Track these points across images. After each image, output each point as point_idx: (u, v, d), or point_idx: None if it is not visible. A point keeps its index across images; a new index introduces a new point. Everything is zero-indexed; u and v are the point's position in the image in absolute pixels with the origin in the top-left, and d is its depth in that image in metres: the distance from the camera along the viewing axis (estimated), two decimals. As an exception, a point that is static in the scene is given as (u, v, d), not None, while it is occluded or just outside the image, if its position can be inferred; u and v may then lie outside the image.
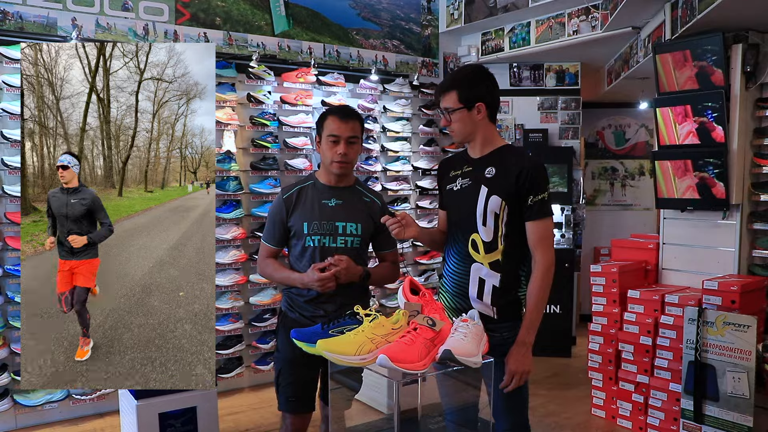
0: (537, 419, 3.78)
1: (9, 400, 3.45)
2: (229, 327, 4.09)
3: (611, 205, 6.57)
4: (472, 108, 2.08)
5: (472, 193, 2.10)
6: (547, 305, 2.15)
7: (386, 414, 2.32)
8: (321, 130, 2.34)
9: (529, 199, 2.03)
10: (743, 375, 3.02)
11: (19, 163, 3.47)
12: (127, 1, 3.86)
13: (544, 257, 2.05)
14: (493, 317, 2.08)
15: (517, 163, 2.05)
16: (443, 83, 2.15)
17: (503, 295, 2.08)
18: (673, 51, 3.51)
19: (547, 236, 2.07)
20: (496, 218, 2.06)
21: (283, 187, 2.46)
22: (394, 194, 4.91)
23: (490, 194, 2.05)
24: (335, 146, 2.29)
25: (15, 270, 3.46)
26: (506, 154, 2.12)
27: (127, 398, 2.99)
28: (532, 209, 2.03)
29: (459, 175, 2.18)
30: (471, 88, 2.08)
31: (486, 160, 2.12)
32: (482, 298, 2.07)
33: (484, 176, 2.09)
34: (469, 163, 2.17)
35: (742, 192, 3.50)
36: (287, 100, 4.40)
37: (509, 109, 5.45)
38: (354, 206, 2.37)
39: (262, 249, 2.46)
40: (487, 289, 2.07)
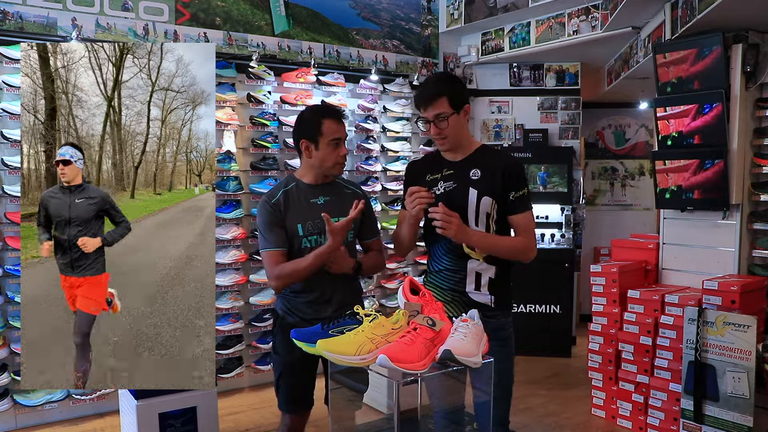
0: (537, 419, 3.79)
1: (9, 400, 3.45)
2: (229, 327, 4.10)
3: (611, 205, 6.57)
4: (461, 111, 2.15)
5: (460, 196, 2.15)
6: (546, 305, 2.21)
7: (386, 414, 2.32)
8: (317, 134, 2.25)
9: (511, 194, 2.14)
10: (743, 375, 3.01)
11: (19, 163, 3.47)
12: (127, 1, 3.86)
13: (527, 239, 2.18)
14: (491, 305, 2.18)
15: (498, 162, 2.15)
16: (427, 93, 2.13)
17: (500, 284, 2.19)
18: (673, 51, 3.51)
19: (530, 227, 2.19)
20: (488, 217, 2.15)
21: (265, 195, 2.34)
22: (394, 194, 4.91)
23: (481, 195, 2.13)
24: (337, 149, 2.29)
25: (15, 270, 3.46)
26: (485, 154, 2.21)
27: (127, 398, 2.99)
28: (514, 204, 2.15)
29: (439, 178, 2.20)
30: (457, 92, 2.14)
31: (468, 162, 2.18)
32: (480, 289, 2.17)
33: (470, 178, 2.15)
34: (447, 165, 2.21)
35: (742, 192, 3.50)
36: (287, 100, 4.40)
37: (509, 109, 5.45)
38: (341, 200, 2.36)
39: (268, 259, 2.28)
40: (484, 281, 2.17)
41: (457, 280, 2.18)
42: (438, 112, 2.11)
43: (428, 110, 2.12)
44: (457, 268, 2.18)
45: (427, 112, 2.13)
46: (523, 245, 2.17)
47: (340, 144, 2.29)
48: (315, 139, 2.27)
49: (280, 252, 2.29)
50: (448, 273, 2.20)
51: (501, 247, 2.16)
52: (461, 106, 2.14)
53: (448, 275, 2.20)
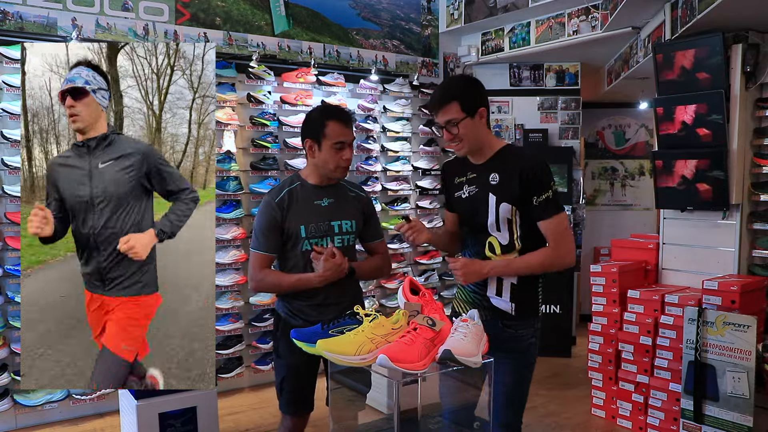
0: (537, 419, 3.79)
1: (9, 400, 3.45)
2: (229, 327, 4.10)
3: (611, 205, 6.57)
4: (475, 115, 2.06)
5: (481, 201, 2.09)
6: (546, 305, 2.18)
7: (386, 414, 2.32)
8: (320, 136, 2.23)
9: (534, 199, 2.02)
10: (743, 375, 3.01)
11: (19, 163, 3.46)
12: (127, 1, 3.86)
13: (557, 248, 2.05)
14: (511, 313, 2.10)
15: (516, 165, 2.04)
16: (438, 98, 2.07)
17: (522, 290, 2.10)
18: (673, 51, 3.51)
19: (559, 232, 2.04)
20: (510, 223, 2.06)
21: (269, 192, 2.34)
22: (394, 194, 4.91)
23: (500, 202, 2.05)
24: (341, 152, 2.24)
25: (15, 270, 3.45)
26: (506, 156, 2.11)
27: (127, 398, 2.98)
28: (539, 209, 2.03)
29: (464, 182, 2.17)
30: (469, 96, 2.06)
31: (488, 166, 2.11)
32: (501, 295, 2.10)
33: (490, 183, 2.08)
34: (471, 169, 2.16)
35: (742, 192, 3.50)
36: (287, 100, 4.40)
37: (509, 109, 5.45)
38: (345, 203, 2.35)
39: (255, 260, 2.28)
40: (505, 286, 2.09)
41: (479, 283, 2.13)
42: (449, 117, 2.04)
43: (439, 115, 2.07)
44: None
45: (439, 118, 2.07)
46: (550, 256, 2.04)
47: (344, 147, 2.24)
48: (318, 140, 2.25)
49: (269, 257, 2.30)
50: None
51: (524, 267, 2.06)
52: (475, 110, 2.05)
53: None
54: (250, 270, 2.31)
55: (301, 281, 2.25)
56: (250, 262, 2.32)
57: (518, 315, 2.10)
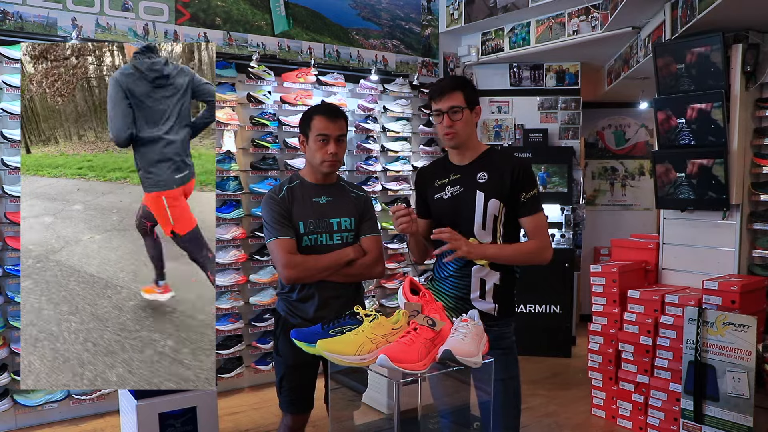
0: (537, 419, 3.79)
1: (9, 400, 3.45)
2: (229, 327, 4.10)
3: (611, 205, 6.57)
4: (473, 110, 2.16)
5: (467, 200, 2.15)
6: (547, 305, 2.22)
7: (386, 414, 2.32)
8: (307, 130, 2.31)
9: (522, 196, 2.13)
10: (743, 375, 3.01)
11: (19, 163, 3.46)
12: (127, 1, 3.86)
13: (541, 241, 2.17)
14: (494, 314, 2.17)
15: (507, 164, 2.15)
16: (445, 85, 2.15)
17: (503, 292, 2.18)
18: (673, 51, 3.51)
19: (541, 228, 2.18)
20: (495, 220, 2.14)
21: (270, 192, 2.35)
22: (394, 194, 4.91)
23: (488, 198, 2.12)
24: (325, 146, 2.28)
25: (15, 270, 3.46)
26: (493, 157, 2.21)
27: (127, 398, 2.98)
28: (526, 206, 2.14)
29: (447, 183, 2.21)
30: (472, 91, 2.17)
31: (474, 166, 2.19)
32: (484, 297, 2.16)
33: (477, 182, 2.15)
34: (454, 170, 2.22)
35: (742, 192, 3.50)
36: (287, 100, 4.40)
37: (509, 109, 5.45)
38: (344, 201, 2.38)
39: (280, 247, 2.23)
40: (488, 287, 2.16)
41: (461, 287, 2.18)
42: (453, 103, 2.11)
43: (443, 101, 2.12)
44: (461, 274, 2.17)
45: (443, 103, 2.12)
46: (538, 247, 2.16)
47: (328, 141, 2.27)
48: (307, 135, 2.33)
49: (293, 241, 2.26)
50: (453, 280, 2.20)
51: (517, 254, 2.16)
52: (474, 105, 2.16)
53: (453, 282, 2.20)
54: (280, 258, 2.22)
55: (341, 256, 2.28)
56: (276, 251, 2.24)
57: (500, 315, 2.18)
